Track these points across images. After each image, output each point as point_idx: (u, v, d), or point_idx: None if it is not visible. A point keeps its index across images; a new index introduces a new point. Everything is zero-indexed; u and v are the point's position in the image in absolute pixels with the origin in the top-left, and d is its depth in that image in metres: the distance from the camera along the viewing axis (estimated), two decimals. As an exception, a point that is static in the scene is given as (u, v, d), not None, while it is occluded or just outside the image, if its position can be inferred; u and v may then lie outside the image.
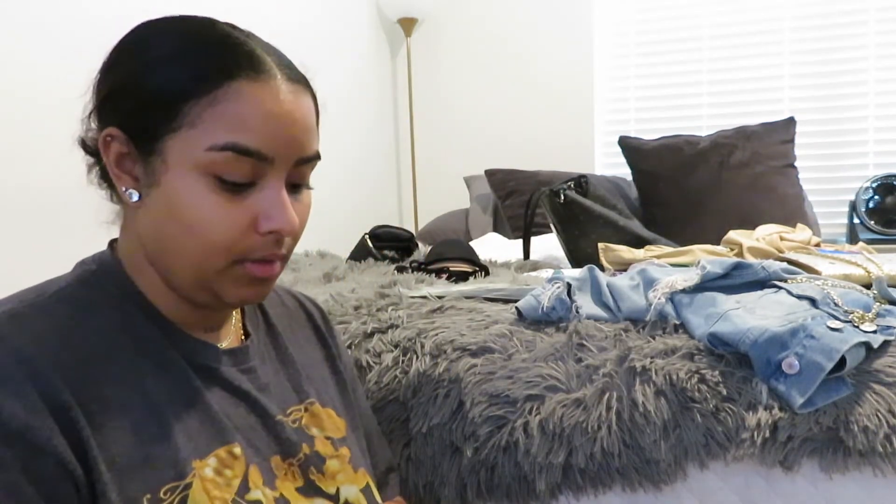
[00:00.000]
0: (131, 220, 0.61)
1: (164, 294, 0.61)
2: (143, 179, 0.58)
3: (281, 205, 0.59)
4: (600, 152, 2.96)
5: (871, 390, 0.83)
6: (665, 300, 1.01)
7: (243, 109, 0.56)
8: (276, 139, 0.58)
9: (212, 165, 0.56)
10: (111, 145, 0.58)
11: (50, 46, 1.53)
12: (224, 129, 0.56)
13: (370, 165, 3.02)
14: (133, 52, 0.59)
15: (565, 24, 2.95)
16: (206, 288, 0.59)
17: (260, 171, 0.58)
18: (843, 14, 2.68)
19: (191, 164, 0.56)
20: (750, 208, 2.20)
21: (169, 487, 0.54)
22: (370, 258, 1.73)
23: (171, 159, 0.56)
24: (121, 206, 0.63)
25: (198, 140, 0.56)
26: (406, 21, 2.95)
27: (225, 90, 0.56)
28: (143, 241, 0.60)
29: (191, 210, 0.57)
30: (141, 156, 0.58)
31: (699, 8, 2.82)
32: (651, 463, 0.85)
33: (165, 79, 0.56)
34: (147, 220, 0.59)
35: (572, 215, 1.66)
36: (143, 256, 0.61)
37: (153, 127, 0.56)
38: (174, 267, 0.59)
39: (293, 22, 2.44)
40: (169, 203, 0.57)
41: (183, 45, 0.58)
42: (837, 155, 2.69)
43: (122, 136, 0.57)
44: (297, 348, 0.74)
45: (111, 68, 0.59)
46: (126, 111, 0.57)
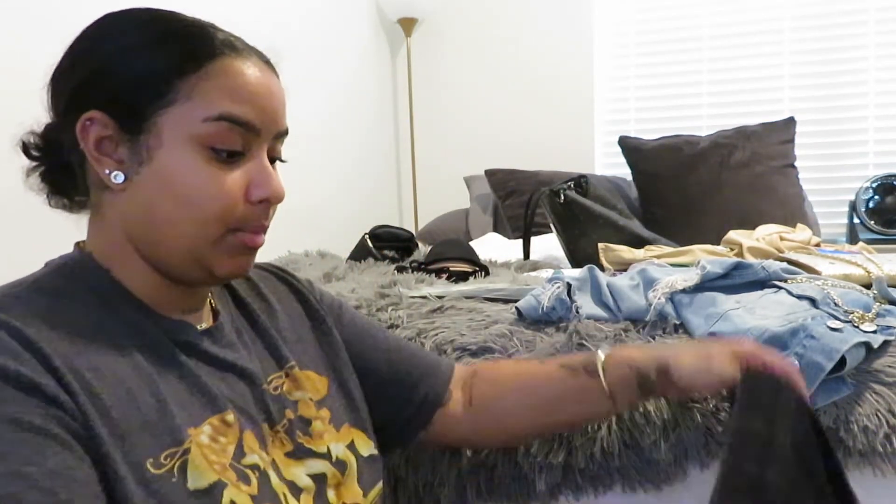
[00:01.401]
0: (109, 206, 0.61)
1: (142, 280, 0.62)
2: (130, 159, 0.59)
3: (269, 174, 0.63)
4: (600, 152, 2.96)
5: (871, 390, 0.83)
6: (665, 300, 1.01)
7: (232, 83, 0.60)
8: (262, 111, 0.62)
9: (207, 137, 0.59)
10: (90, 129, 0.59)
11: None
12: (217, 101, 0.59)
13: (370, 165, 3.02)
14: (109, 38, 0.60)
15: (565, 24, 2.95)
16: (199, 261, 0.61)
17: (248, 142, 0.61)
18: (843, 14, 2.68)
19: (186, 137, 0.58)
20: (750, 208, 2.20)
21: (168, 453, 0.55)
22: (370, 258, 1.73)
23: (166, 133, 0.58)
24: (91, 199, 0.63)
25: (193, 112, 0.58)
26: (406, 21, 2.95)
27: (214, 65, 0.59)
28: (127, 224, 0.61)
29: (187, 182, 0.59)
30: (127, 136, 0.59)
31: (699, 8, 2.82)
32: (651, 463, 0.85)
33: (155, 58, 0.58)
34: (135, 199, 0.60)
35: (572, 215, 1.66)
36: (123, 242, 0.61)
37: (143, 105, 0.58)
38: (167, 243, 0.60)
39: (293, 21, 2.44)
40: (164, 177, 0.59)
41: (166, 27, 0.60)
42: (837, 155, 2.69)
43: (104, 119, 0.58)
44: (270, 317, 0.75)
45: (83, 56, 0.60)
46: (108, 94, 0.58)
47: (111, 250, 0.62)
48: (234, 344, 0.68)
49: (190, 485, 0.55)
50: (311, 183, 2.47)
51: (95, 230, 0.63)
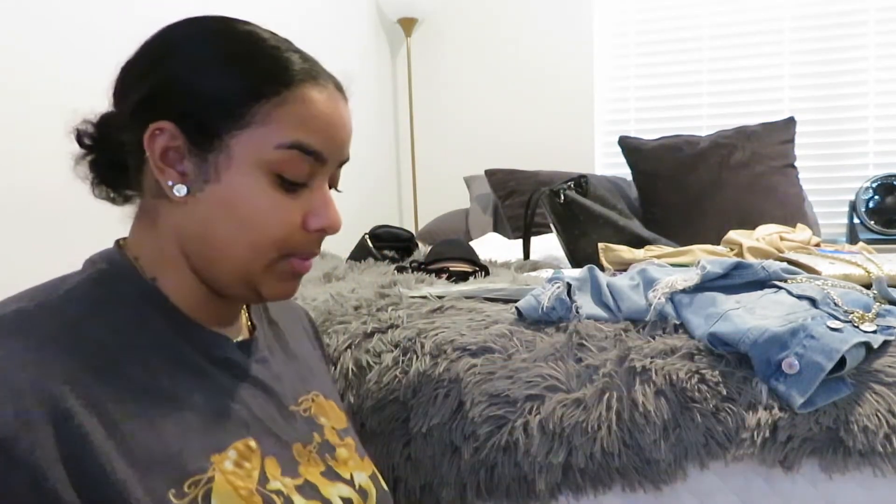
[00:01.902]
0: (165, 215, 0.61)
1: (187, 290, 0.62)
2: (195, 175, 0.59)
3: (329, 205, 0.63)
4: (600, 152, 2.96)
5: (871, 390, 0.83)
6: (665, 300, 1.01)
7: (308, 112, 0.60)
8: (332, 141, 0.62)
9: (277, 163, 0.59)
10: (158, 139, 0.58)
11: (45, 45, 1.53)
12: (292, 128, 0.59)
13: (370, 165, 3.02)
14: (190, 48, 0.59)
15: (565, 23, 2.95)
16: (249, 283, 0.61)
17: (314, 171, 0.61)
18: (843, 14, 2.68)
19: (255, 161, 0.58)
20: (750, 208, 2.20)
21: (192, 481, 0.54)
22: (370, 258, 1.73)
23: (236, 155, 0.58)
24: (142, 202, 0.62)
25: (267, 138, 0.58)
26: (406, 21, 2.95)
27: (293, 92, 0.59)
28: (181, 235, 0.60)
29: (251, 206, 0.59)
30: (195, 151, 0.58)
31: (699, 8, 2.82)
32: (651, 463, 0.85)
33: (235, 78, 0.58)
34: (195, 215, 0.59)
35: (572, 215, 1.66)
36: (174, 251, 0.61)
37: (217, 124, 0.58)
38: (220, 261, 0.60)
39: (293, 21, 2.44)
40: (228, 198, 0.59)
41: (248, 47, 0.60)
42: (837, 155, 2.70)
43: (173, 131, 0.58)
44: (297, 343, 0.76)
45: (161, 61, 0.59)
46: (182, 107, 0.58)
47: (160, 258, 0.61)
48: (267, 360, 0.68)
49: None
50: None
51: (144, 234, 0.62)
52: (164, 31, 0.61)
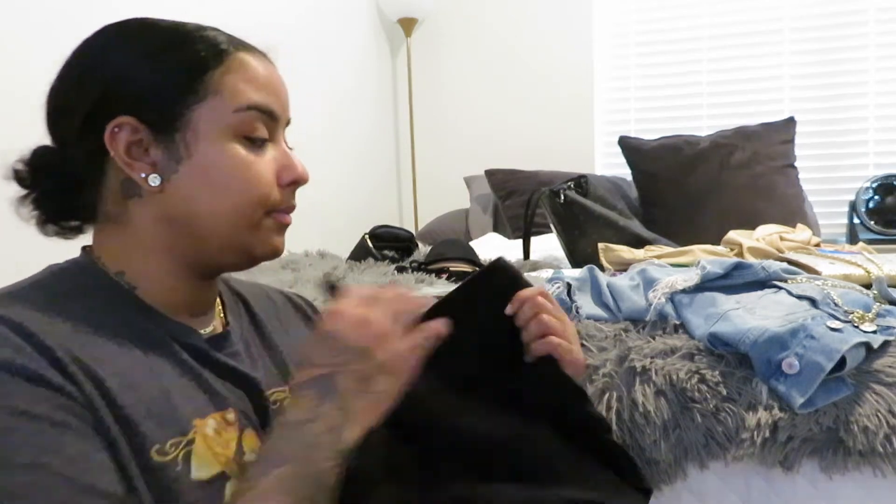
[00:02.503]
0: (136, 213, 0.62)
1: (157, 283, 0.63)
2: (166, 159, 0.60)
3: (293, 158, 0.67)
4: (600, 152, 2.96)
5: (871, 390, 0.83)
6: (665, 300, 1.01)
7: (251, 74, 0.63)
8: (277, 101, 0.65)
9: (239, 126, 0.62)
10: (119, 136, 0.59)
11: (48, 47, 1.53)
12: (243, 92, 0.62)
13: (370, 165, 3.02)
14: (120, 48, 0.61)
15: (565, 24, 2.95)
16: (240, 246, 0.64)
17: (270, 129, 0.65)
18: (843, 14, 2.68)
19: (220, 129, 0.61)
20: (750, 208, 2.20)
21: (173, 442, 0.55)
22: (370, 258, 1.73)
23: (202, 128, 0.61)
24: (104, 212, 0.63)
25: (223, 105, 0.61)
26: (406, 21, 2.95)
27: (232, 60, 0.63)
28: (164, 224, 0.62)
29: (228, 171, 0.61)
30: (160, 137, 0.60)
31: (699, 8, 2.82)
32: (651, 463, 0.85)
33: (179, 58, 0.61)
34: (174, 198, 0.61)
35: (572, 215, 1.66)
36: (147, 247, 0.62)
37: (174, 104, 0.60)
38: (209, 234, 0.62)
39: (293, 21, 2.44)
40: (205, 169, 0.61)
41: (175, 31, 0.63)
42: (837, 155, 2.69)
43: (133, 123, 0.59)
44: (281, 336, 0.76)
45: (95, 68, 0.61)
46: (134, 99, 0.60)
47: (130, 254, 0.62)
48: (238, 354, 0.68)
49: (194, 475, 0.56)
50: (311, 183, 2.45)
51: (110, 238, 0.63)
52: (83, 46, 0.63)
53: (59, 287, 0.59)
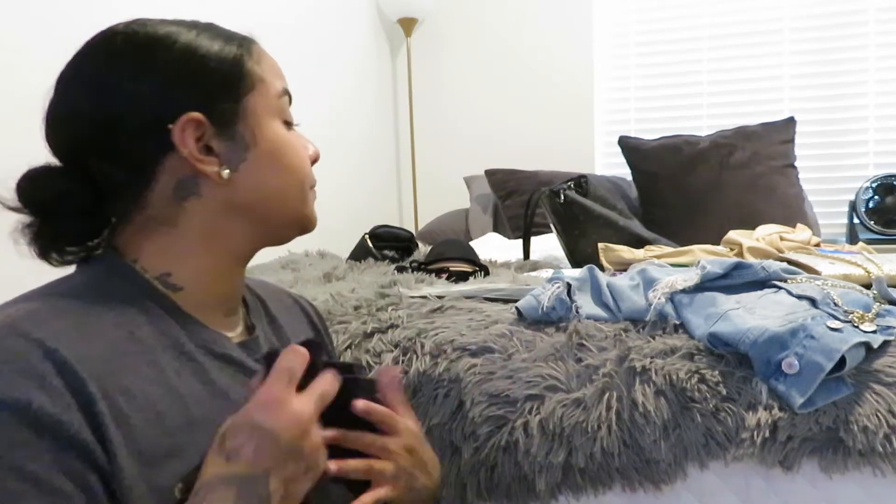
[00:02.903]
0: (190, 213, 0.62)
1: (203, 280, 0.64)
2: (232, 150, 0.63)
3: (305, 137, 0.71)
4: (600, 152, 2.96)
5: (871, 390, 0.83)
6: (665, 300, 1.01)
7: (270, 62, 0.68)
8: (286, 86, 0.69)
9: (280, 110, 0.66)
10: (186, 133, 0.60)
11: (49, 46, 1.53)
12: (274, 78, 0.67)
13: (370, 165, 3.02)
14: (161, 47, 0.61)
15: (565, 23, 2.95)
16: (301, 220, 0.69)
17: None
18: (843, 14, 2.68)
19: (270, 114, 0.65)
20: (750, 208, 2.20)
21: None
22: (370, 258, 1.73)
23: (257, 114, 0.64)
24: (143, 217, 0.62)
25: (268, 91, 0.65)
26: (406, 21, 2.95)
27: (255, 50, 0.66)
28: (232, 214, 0.63)
29: (288, 151, 0.66)
30: (222, 130, 0.62)
31: (699, 8, 2.82)
32: (651, 463, 0.85)
33: (221, 51, 0.63)
34: (244, 185, 0.63)
35: (572, 215, 1.66)
36: (195, 245, 0.63)
37: (230, 94, 0.62)
38: (277, 213, 0.67)
39: (293, 21, 2.44)
40: (272, 153, 0.65)
41: (204, 27, 0.64)
42: (837, 155, 2.69)
43: (196, 118, 0.60)
44: (297, 339, 0.76)
45: (143, 68, 0.60)
46: (193, 94, 0.61)
47: (179, 256, 0.62)
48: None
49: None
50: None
51: (154, 242, 0.62)
52: (122, 47, 0.61)
53: (94, 295, 0.58)
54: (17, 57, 1.47)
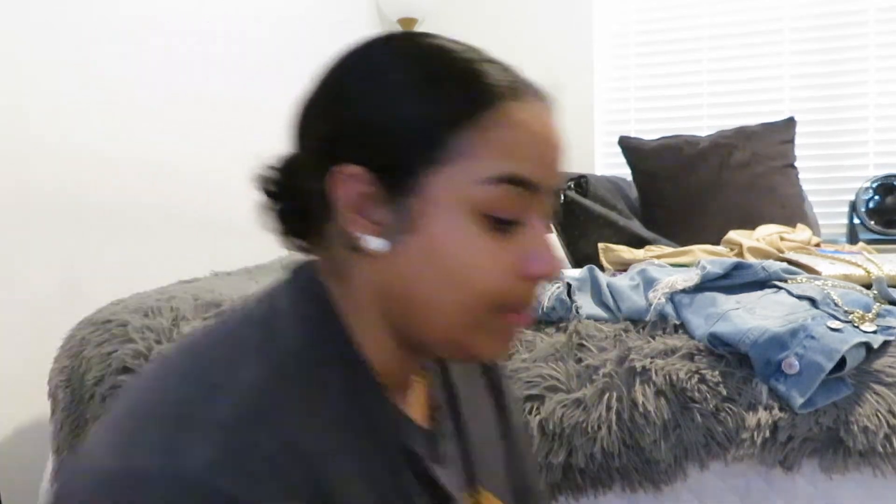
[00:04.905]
0: (357, 268, 0.51)
1: (379, 351, 0.53)
2: (392, 224, 0.49)
3: (548, 245, 0.52)
4: (600, 152, 2.96)
5: (871, 390, 0.83)
6: (665, 300, 1.01)
7: (515, 135, 0.49)
8: (544, 166, 0.51)
9: (484, 202, 0.49)
10: (344, 185, 0.49)
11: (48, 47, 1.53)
12: (498, 157, 0.49)
13: (370, 165, 3.02)
14: (368, 79, 0.50)
15: (565, 24, 2.95)
16: (458, 343, 0.52)
17: (526, 204, 0.50)
18: (843, 14, 2.68)
19: (459, 202, 0.49)
20: (750, 208, 2.20)
21: None
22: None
23: (435, 197, 0.48)
24: (331, 252, 0.53)
25: (469, 172, 0.48)
26: (406, 21, 2.95)
27: (494, 113, 0.49)
28: (379, 292, 0.51)
29: (458, 255, 0.49)
30: (389, 197, 0.49)
31: (699, 8, 2.82)
32: (651, 463, 0.85)
33: (426, 105, 0.49)
34: (392, 270, 0.50)
35: (572, 215, 1.66)
36: (369, 307, 0.52)
37: (410, 163, 0.48)
38: (424, 323, 0.51)
39: (293, 21, 2.44)
40: (431, 250, 0.49)
41: (437, 65, 0.50)
42: (837, 155, 2.69)
43: (362, 175, 0.49)
44: (472, 415, 0.64)
45: (338, 97, 0.51)
46: (370, 146, 0.49)
47: (354, 313, 0.52)
48: (444, 457, 0.58)
49: None
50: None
51: (339, 289, 0.53)
52: (338, 62, 0.54)
53: (315, 368, 0.49)
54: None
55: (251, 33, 2.15)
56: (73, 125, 1.57)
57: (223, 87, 2.03)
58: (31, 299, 1.46)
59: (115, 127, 1.68)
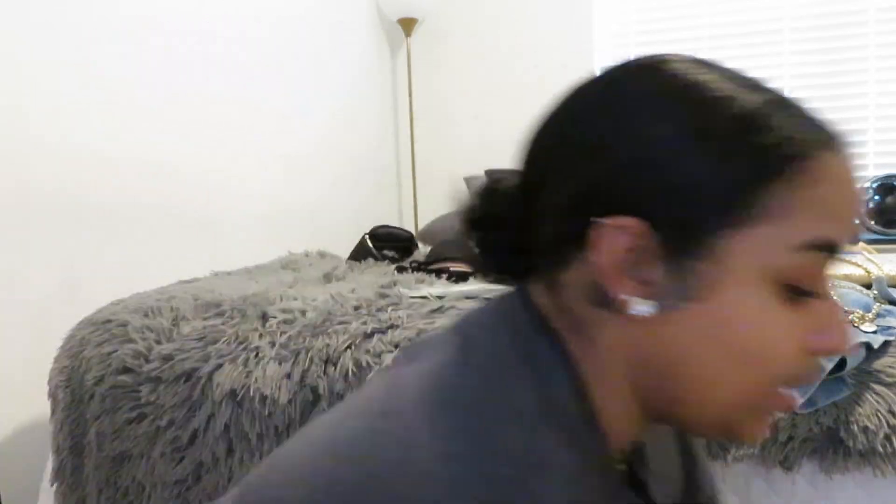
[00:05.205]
0: (609, 328, 0.44)
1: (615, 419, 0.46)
2: (668, 288, 0.42)
3: (839, 316, 0.45)
4: (600, 152, 2.96)
5: (871, 390, 0.83)
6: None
7: (830, 192, 0.41)
8: (851, 227, 0.43)
9: (790, 271, 0.41)
10: (615, 237, 0.42)
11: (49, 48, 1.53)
12: (813, 220, 0.41)
13: (370, 165, 3.02)
14: (652, 118, 0.42)
15: (565, 24, 2.95)
16: (726, 422, 0.45)
17: (825, 271, 0.44)
18: (843, 14, 2.68)
19: (761, 270, 0.41)
20: (750, 208, 2.20)
21: None
22: (370, 258, 1.73)
23: (731, 263, 0.41)
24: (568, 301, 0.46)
25: (777, 237, 0.41)
26: (406, 21, 2.95)
27: (807, 167, 0.41)
28: (634, 359, 0.44)
29: (754, 330, 0.42)
30: (672, 257, 0.42)
31: (699, 8, 2.82)
32: (651, 463, 0.85)
33: (729, 156, 0.41)
34: (660, 338, 0.43)
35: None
36: (616, 374, 0.45)
37: (705, 221, 0.41)
38: (697, 397, 0.44)
39: (293, 21, 2.44)
40: (720, 321, 0.42)
41: (727, 103, 0.42)
42: (837, 155, 2.69)
43: (641, 229, 0.41)
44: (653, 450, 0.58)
45: (608, 139, 0.43)
46: (655, 199, 0.41)
47: (596, 377, 0.45)
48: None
49: None
50: (311, 182, 2.47)
51: (574, 344, 0.45)
52: (599, 89, 0.47)
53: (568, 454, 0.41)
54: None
55: (251, 33, 2.15)
56: (73, 125, 1.57)
57: (223, 87, 2.03)
58: (31, 299, 1.46)
59: (115, 127, 1.68)
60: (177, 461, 1.08)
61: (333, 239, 2.25)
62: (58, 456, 1.21)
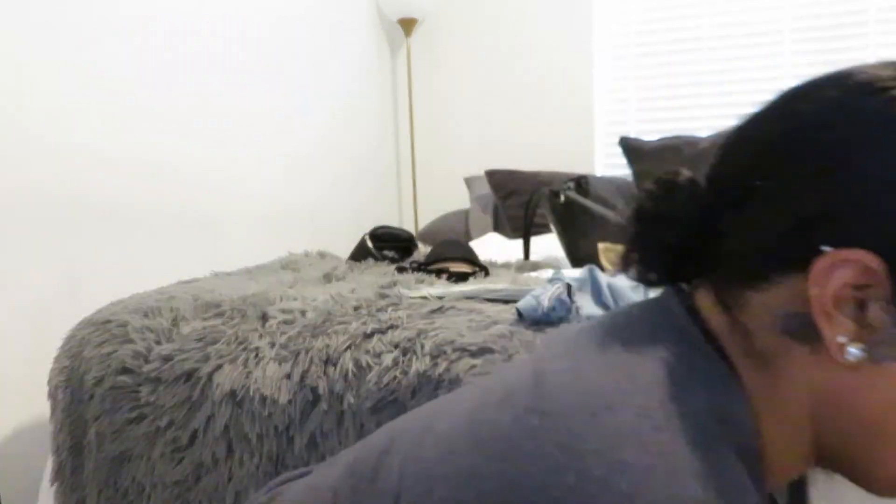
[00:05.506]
0: (798, 363, 0.41)
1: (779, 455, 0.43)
2: (888, 336, 0.38)
3: None
4: (600, 153, 2.96)
5: None
6: (665, 300, 1.01)
7: None
8: None
9: None
10: (846, 272, 0.38)
11: (49, 48, 1.53)
12: None
13: (370, 165, 3.02)
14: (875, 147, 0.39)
15: (565, 24, 2.96)
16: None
17: None
18: (843, 14, 2.68)
19: None
20: (750, 208, 2.20)
21: None
22: (370, 258, 1.73)
23: None
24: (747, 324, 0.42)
25: None
26: (406, 21, 2.95)
27: None
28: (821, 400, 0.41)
29: None
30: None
31: (699, 8, 2.82)
32: (651, 463, 0.85)
33: None
34: (860, 386, 0.39)
35: (572, 215, 1.66)
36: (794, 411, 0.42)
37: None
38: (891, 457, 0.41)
39: (293, 22, 2.44)
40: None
41: None
42: (837, 155, 2.69)
43: (877, 267, 0.37)
44: None
45: (859, 159, 0.39)
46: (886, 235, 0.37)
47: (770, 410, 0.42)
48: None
49: None
50: (311, 183, 2.47)
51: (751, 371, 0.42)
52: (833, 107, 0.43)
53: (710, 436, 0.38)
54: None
55: (251, 33, 2.16)
56: (73, 125, 1.58)
57: (223, 87, 2.03)
58: (31, 299, 1.46)
59: (115, 127, 1.68)
60: (177, 462, 1.08)
61: (333, 239, 2.26)
62: (58, 456, 1.21)
